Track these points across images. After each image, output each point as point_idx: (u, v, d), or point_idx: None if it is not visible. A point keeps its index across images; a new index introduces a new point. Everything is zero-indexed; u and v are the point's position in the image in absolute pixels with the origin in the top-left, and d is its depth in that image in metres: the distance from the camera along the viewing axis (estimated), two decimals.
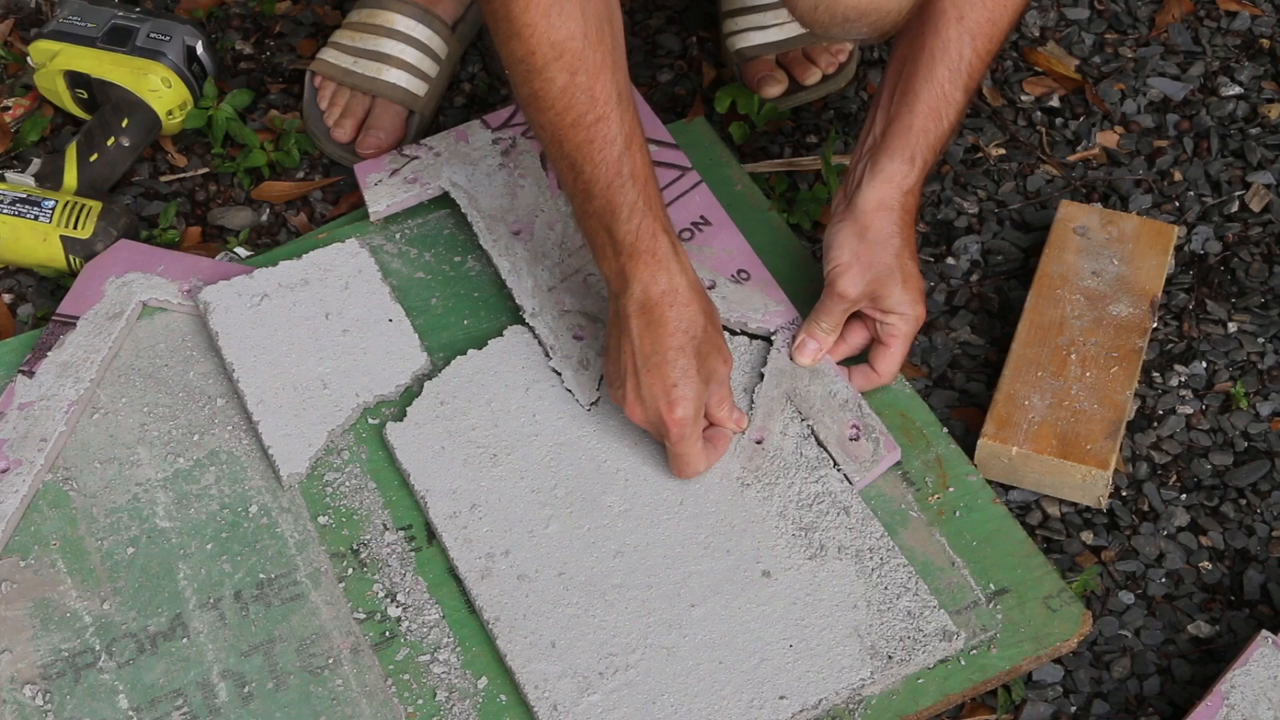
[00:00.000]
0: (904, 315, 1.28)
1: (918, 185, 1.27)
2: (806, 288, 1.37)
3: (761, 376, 1.30)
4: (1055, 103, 1.62)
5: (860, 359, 1.32)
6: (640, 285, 1.19)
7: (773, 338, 1.32)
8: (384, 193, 1.43)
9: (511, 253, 1.38)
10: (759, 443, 1.27)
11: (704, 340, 1.21)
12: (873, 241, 1.25)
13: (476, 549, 1.22)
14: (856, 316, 1.31)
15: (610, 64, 1.16)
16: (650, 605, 1.19)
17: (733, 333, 1.34)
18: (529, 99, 1.18)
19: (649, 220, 1.19)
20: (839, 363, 1.31)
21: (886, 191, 1.26)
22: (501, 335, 1.34)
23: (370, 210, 1.43)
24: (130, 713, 1.15)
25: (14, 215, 1.43)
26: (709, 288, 1.34)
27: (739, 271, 1.36)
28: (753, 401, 1.29)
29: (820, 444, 1.27)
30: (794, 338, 1.31)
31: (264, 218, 1.53)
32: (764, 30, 1.58)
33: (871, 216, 1.26)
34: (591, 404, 1.29)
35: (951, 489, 1.27)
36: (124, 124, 1.51)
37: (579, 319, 1.33)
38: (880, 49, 1.66)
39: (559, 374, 1.31)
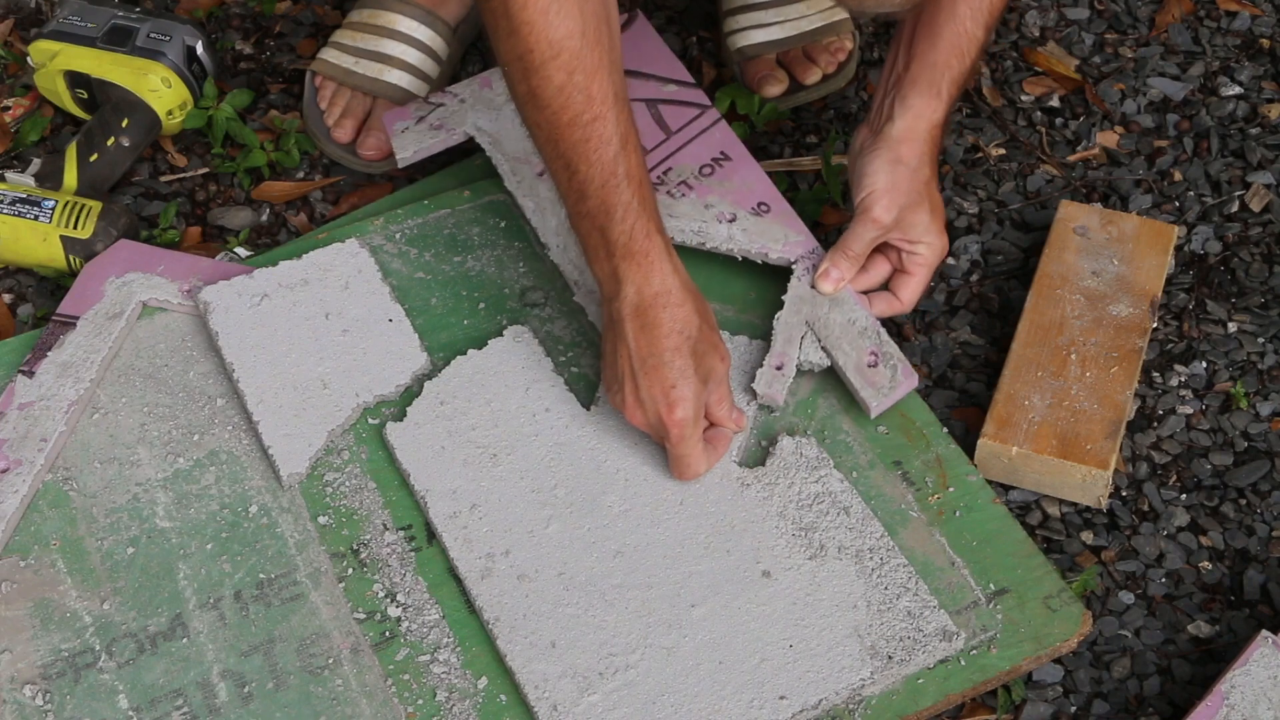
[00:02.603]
0: (930, 244, 1.30)
1: (944, 120, 1.30)
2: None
3: (782, 303, 1.32)
4: (1055, 103, 1.62)
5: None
6: (633, 287, 1.20)
7: (793, 266, 1.34)
8: (410, 140, 1.45)
9: (535, 193, 1.40)
10: (779, 368, 1.28)
11: (699, 339, 1.21)
12: (904, 170, 1.28)
13: (476, 549, 1.22)
14: (878, 249, 1.32)
15: (607, 63, 1.16)
16: (650, 605, 1.19)
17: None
18: (525, 97, 1.18)
19: (643, 220, 1.19)
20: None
21: (916, 124, 1.28)
22: (501, 335, 1.34)
23: (398, 158, 1.45)
24: (130, 713, 1.15)
25: (14, 215, 1.43)
26: (729, 220, 1.36)
27: (759, 204, 1.38)
28: (772, 329, 1.31)
29: (838, 370, 1.29)
30: (815, 266, 1.33)
31: (264, 218, 1.53)
32: (765, 28, 1.58)
33: (903, 146, 1.28)
34: (593, 403, 1.30)
35: (951, 489, 1.27)
36: (124, 124, 1.51)
37: None
38: (881, 49, 1.66)
39: (584, 308, 1.34)
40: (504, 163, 1.42)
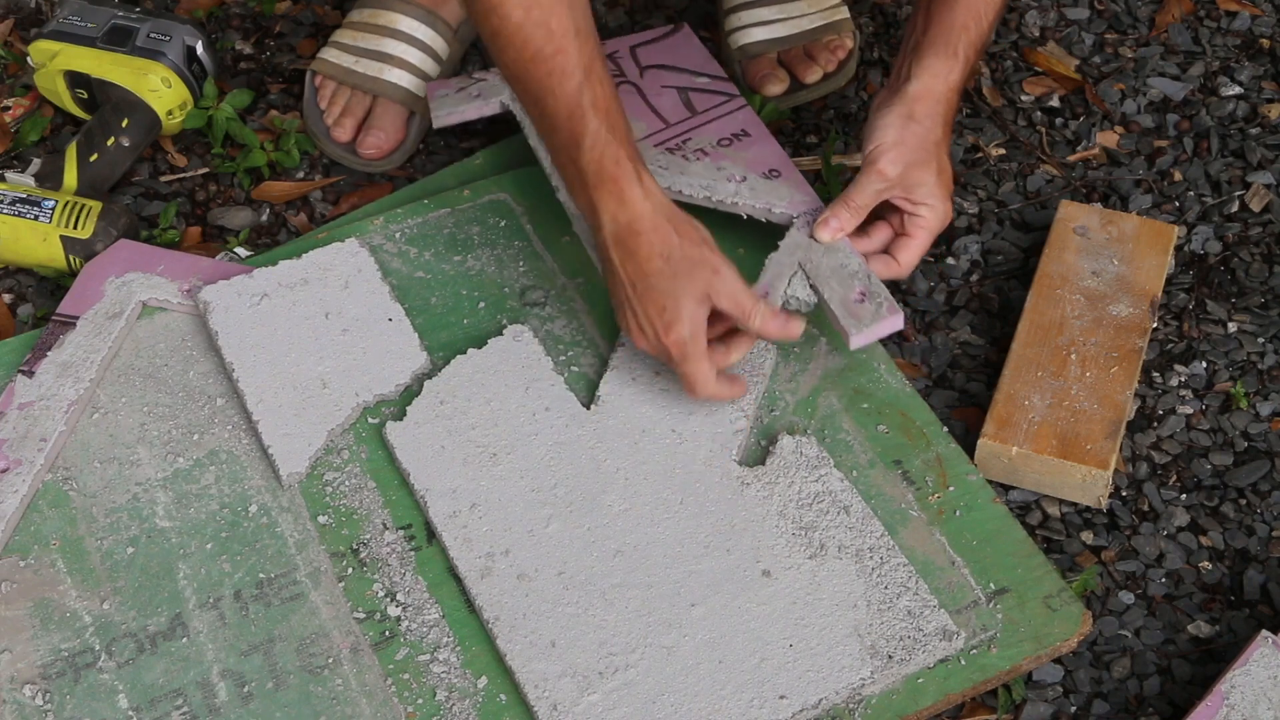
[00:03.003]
0: (933, 208, 1.29)
1: (960, 82, 1.30)
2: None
3: (777, 247, 1.32)
4: (1055, 103, 1.62)
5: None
6: (609, 216, 1.21)
7: (794, 220, 1.34)
8: (447, 103, 1.48)
9: None
10: (763, 297, 1.28)
11: (683, 258, 1.21)
12: (916, 127, 1.28)
13: (476, 548, 1.22)
14: (881, 216, 1.32)
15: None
16: (650, 604, 1.19)
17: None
18: (490, 38, 1.20)
19: (611, 148, 1.20)
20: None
21: (933, 84, 1.29)
22: (501, 334, 1.34)
23: (433, 116, 1.48)
24: (130, 713, 1.15)
25: (14, 215, 1.43)
26: (740, 180, 1.38)
27: (770, 170, 1.40)
28: (764, 267, 1.31)
29: (824, 306, 1.29)
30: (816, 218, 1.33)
31: (264, 218, 1.53)
32: (767, 25, 1.59)
33: (917, 104, 1.29)
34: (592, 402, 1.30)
35: (951, 488, 1.27)
36: (124, 124, 1.51)
37: None
38: (882, 49, 1.66)
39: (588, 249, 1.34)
40: (528, 124, 1.43)
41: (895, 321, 1.27)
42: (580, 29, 1.19)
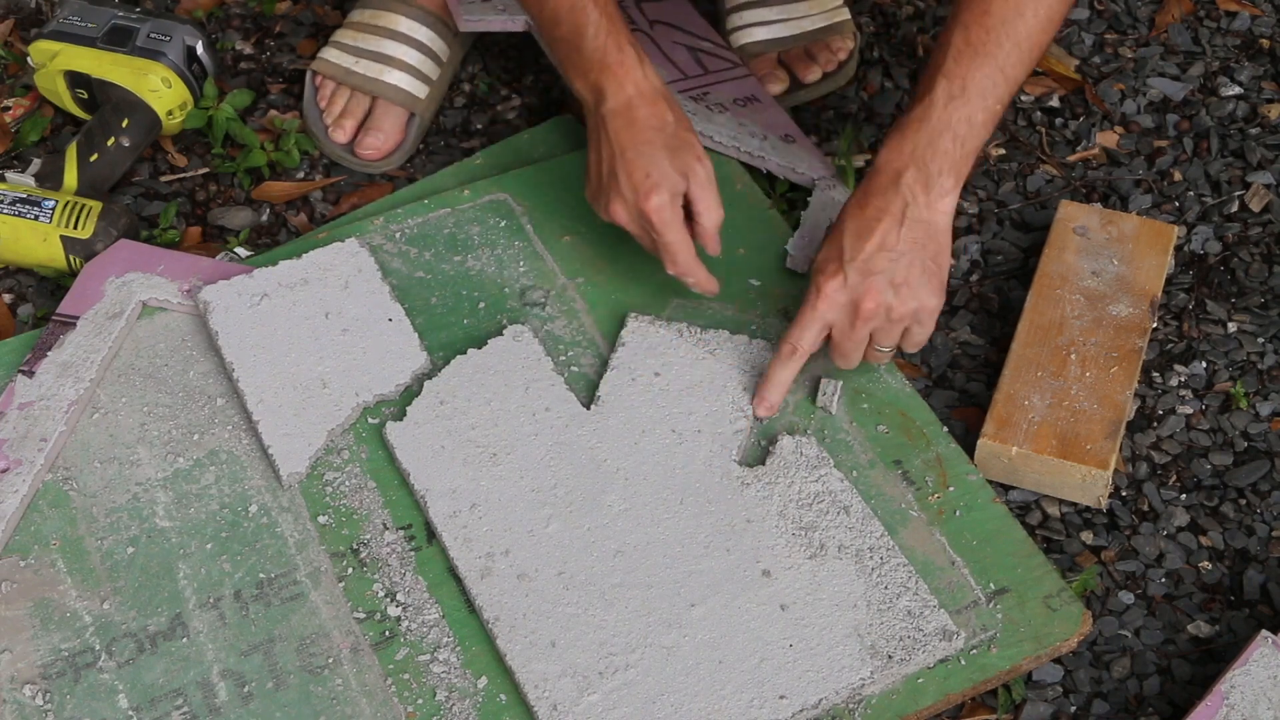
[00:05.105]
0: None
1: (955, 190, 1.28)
2: (806, 285, 1.38)
3: (807, 204, 1.45)
4: (1055, 103, 1.62)
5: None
6: (612, 92, 1.28)
7: (816, 183, 1.47)
8: (475, 10, 1.52)
9: None
10: (807, 241, 1.41)
11: (674, 136, 1.29)
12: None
13: (476, 548, 1.22)
14: None
15: None
16: (650, 604, 1.19)
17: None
18: None
19: (614, 37, 1.29)
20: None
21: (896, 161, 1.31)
22: (501, 334, 1.34)
23: (459, 19, 1.51)
24: (130, 712, 1.15)
25: (14, 215, 1.43)
26: (762, 139, 1.47)
27: (785, 135, 1.49)
28: (800, 219, 1.44)
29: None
30: (833, 183, 1.47)
31: (264, 218, 1.53)
32: (768, 25, 1.59)
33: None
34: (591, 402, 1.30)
35: (951, 488, 1.27)
36: (124, 124, 1.51)
37: None
38: (882, 50, 1.66)
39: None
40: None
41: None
42: None
